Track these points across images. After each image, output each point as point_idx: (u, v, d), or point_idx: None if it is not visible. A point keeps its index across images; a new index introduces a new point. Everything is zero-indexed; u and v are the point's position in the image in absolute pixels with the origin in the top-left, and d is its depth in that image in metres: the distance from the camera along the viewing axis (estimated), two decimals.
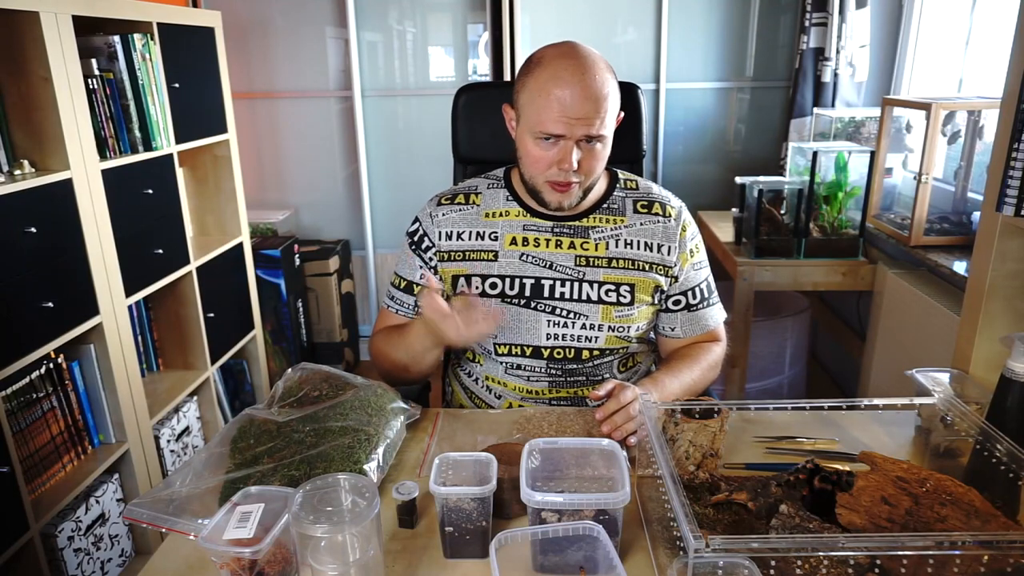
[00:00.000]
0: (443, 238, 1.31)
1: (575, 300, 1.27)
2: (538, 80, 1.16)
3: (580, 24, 2.99)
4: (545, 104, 1.15)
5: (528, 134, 1.19)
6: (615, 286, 1.28)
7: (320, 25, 3.07)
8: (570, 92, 1.13)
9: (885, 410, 1.19)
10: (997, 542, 0.72)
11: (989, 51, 2.23)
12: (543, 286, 1.27)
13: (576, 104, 1.13)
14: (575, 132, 1.15)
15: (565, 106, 1.14)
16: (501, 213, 1.31)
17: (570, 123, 1.14)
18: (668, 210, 1.32)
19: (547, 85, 1.15)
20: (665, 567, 0.82)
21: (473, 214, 1.32)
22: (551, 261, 1.28)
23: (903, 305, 2.05)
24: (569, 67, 1.14)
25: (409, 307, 1.35)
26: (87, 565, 1.77)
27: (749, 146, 3.08)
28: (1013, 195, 1.10)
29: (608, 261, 1.28)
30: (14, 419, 1.59)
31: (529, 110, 1.18)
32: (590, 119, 1.14)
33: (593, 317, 1.27)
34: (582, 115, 1.14)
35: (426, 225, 1.33)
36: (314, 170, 3.27)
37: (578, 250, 1.28)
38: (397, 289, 1.37)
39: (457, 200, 1.34)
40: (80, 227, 1.71)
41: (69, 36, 1.65)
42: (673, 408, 1.00)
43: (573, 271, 1.28)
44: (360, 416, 1.09)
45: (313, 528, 0.76)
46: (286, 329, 2.97)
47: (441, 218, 1.32)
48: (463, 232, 1.31)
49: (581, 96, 1.13)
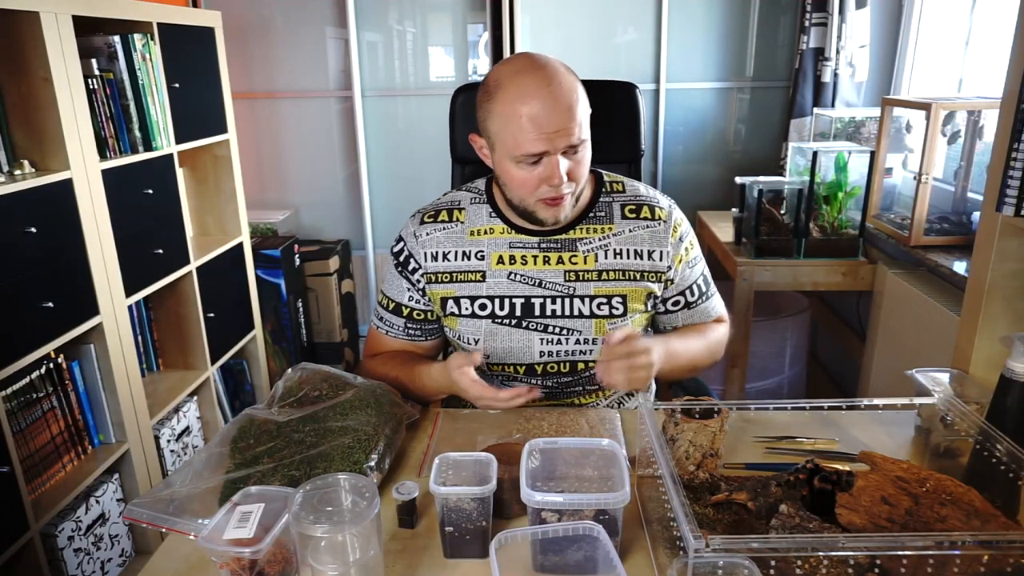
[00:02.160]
0: (429, 259, 1.28)
1: (567, 316, 1.25)
2: (503, 103, 1.12)
3: (580, 24, 2.99)
4: (519, 127, 1.10)
5: (508, 159, 1.15)
6: (607, 299, 1.25)
7: (320, 25, 3.07)
8: (540, 106, 1.09)
9: (885, 410, 1.19)
10: (997, 542, 0.72)
11: (989, 51, 2.23)
12: (533, 305, 1.25)
13: (550, 118, 1.09)
14: (557, 146, 1.11)
15: (539, 123, 1.09)
16: (486, 231, 1.27)
17: (549, 138, 1.10)
18: (657, 212, 1.28)
19: (515, 106, 1.10)
20: (665, 567, 0.82)
21: (458, 232, 1.28)
22: (540, 279, 1.25)
23: (903, 305, 2.05)
24: (532, 82, 1.10)
25: (399, 328, 1.34)
26: (87, 565, 1.77)
27: (749, 146, 3.08)
28: (1013, 195, 1.10)
29: (598, 274, 1.25)
30: (14, 419, 1.59)
31: (503, 136, 1.13)
32: (568, 128, 1.10)
33: (587, 332, 1.25)
34: (559, 127, 1.10)
35: (411, 245, 1.30)
36: (314, 170, 3.27)
37: (567, 264, 1.25)
38: (386, 310, 1.35)
39: (440, 218, 1.29)
40: (80, 227, 1.71)
41: (69, 36, 1.65)
42: (673, 408, 1.00)
43: (563, 287, 1.25)
44: (360, 416, 1.09)
45: (313, 528, 0.76)
46: (286, 329, 2.97)
47: (425, 238, 1.29)
48: (448, 252, 1.28)
49: (552, 108, 1.09)
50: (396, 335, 1.35)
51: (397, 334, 1.35)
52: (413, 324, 1.34)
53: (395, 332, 1.35)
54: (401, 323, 1.33)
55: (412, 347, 1.36)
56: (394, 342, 1.36)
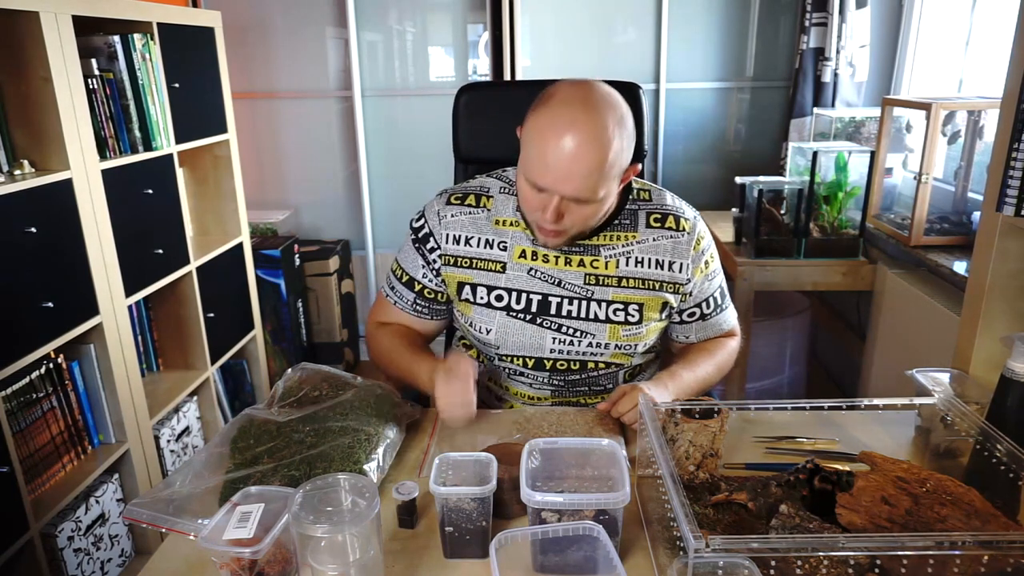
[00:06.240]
0: (450, 241, 1.28)
1: (582, 319, 1.25)
2: (539, 121, 1.08)
3: (580, 24, 2.99)
4: (536, 153, 1.08)
5: (521, 171, 1.13)
6: (623, 305, 1.25)
7: (320, 25, 3.07)
8: (561, 148, 1.04)
9: (885, 410, 1.19)
10: (997, 542, 0.72)
11: (989, 51, 2.23)
12: (550, 303, 1.25)
13: (564, 164, 1.05)
14: (559, 190, 1.08)
15: (552, 163, 1.06)
16: (511, 223, 1.27)
17: (555, 181, 1.07)
18: (682, 223, 1.27)
19: (544, 132, 1.07)
20: (665, 567, 0.82)
21: (483, 219, 1.27)
22: (560, 278, 1.25)
23: (903, 305, 2.05)
24: (568, 119, 1.05)
25: (408, 302, 1.34)
26: (87, 565, 1.77)
27: (749, 146, 3.08)
28: (1013, 195, 1.10)
29: (618, 280, 1.25)
30: (14, 419, 1.59)
31: (525, 149, 1.11)
32: (576, 183, 1.07)
33: (600, 336, 1.25)
34: (568, 177, 1.06)
35: (432, 224, 1.29)
36: (314, 170, 3.27)
37: (587, 268, 1.25)
38: (398, 281, 1.35)
39: (468, 201, 1.28)
40: (80, 227, 1.70)
41: (69, 36, 1.65)
42: (673, 408, 1.00)
43: (582, 289, 1.25)
44: (360, 416, 1.09)
45: (313, 528, 0.76)
46: (286, 329, 2.97)
47: (450, 219, 1.28)
48: (472, 237, 1.27)
49: (570, 157, 1.04)
50: (404, 308, 1.35)
51: (404, 307, 1.35)
52: (423, 301, 1.34)
53: (403, 304, 1.35)
54: (411, 297, 1.34)
55: (416, 323, 1.37)
56: (400, 315, 1.36)
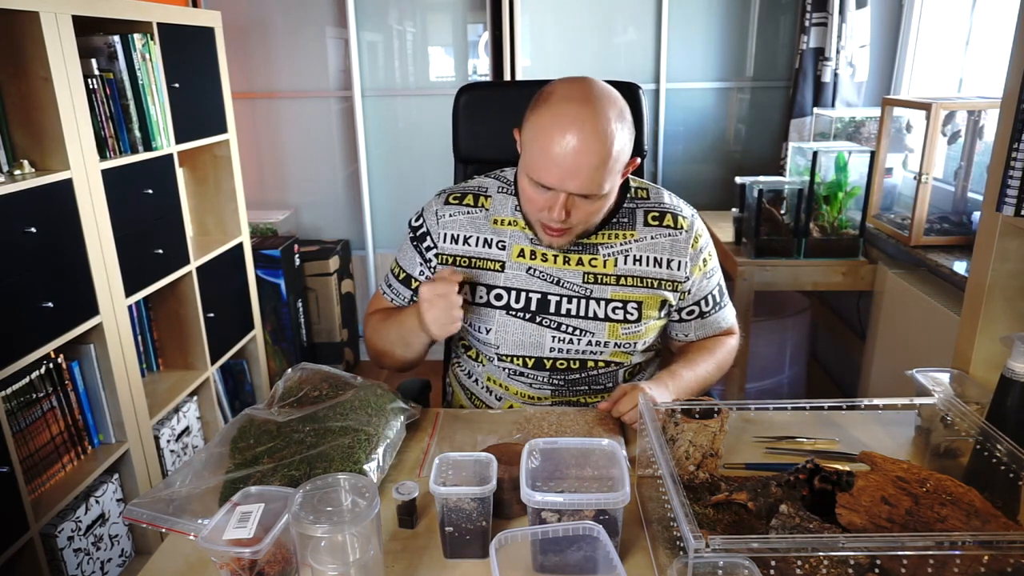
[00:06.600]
0: (447, 240, 1.28)
1: (581, 317, 1.25)
2: (540, 120, 1.09)
3: (580, 24, 2.99)
4: (540, 151, 1.08)
5: (524, 171, 1.13)
6: (622, 303, 1.25)
7: (320, 25, 3.07)
8: (565, 145, 1.05)
9: (885, 410, 1.19)
10: (997, 542, 0.72)
11: (989, 51, 2.23)
12: (549, 302, 1.25)
13: (569, 160, 1.06)
14: (566, 186, 1.09)
15: (557, 159, 1.06)
16: (510, 222, 1.27)
17: (561, 178, 1.08)
18: (680, 221, 1.27)
19: (547, 130, 1.07)
20: (665, 567, 0.82)
21: (481, 218, 1.28)
22: (559, 277, 1.25)
23: (903, 305, 2.05)
24: (571, 115, 1.06)
25: (405, 300, 1.35)
26: (87, 565, 1.77)
27: (749, 146, 3.08)
28: (1013, 195, 1.10)
29: (616, 279, 1.25)
30: (14, 419, 1.59)
31: (528, 149, 1.12)
32: (582, 178, 1.08)
33: (599, 334, 1.25)
34: (574, 172, 1.07)
35: (430, 223, 1.30)
36: (314, 170, 3.27)
37: (586, 267, 1.25)
38: (396, 279, 1.35)
39: (466, 201, 1.29)
40: (80, 227, 1.70)
41: (69, 36, 1.65)
42: (673, 408, 1.00)
43: (580, 288, 1.25)
44: (360, 416, 1.09)
45: (313, 528, 0.76)
46: (286, 329, 2.97)
47: (448, 219, 1.29)
48: (470, 237, 1.28)
49: (575, 152, 1.05)
50: (400, 304, 1.36)
51: (401, 304, 1.35)
52: None
53: (399, 302, 1.36)
54: (408, 295, 1.34)
55: None
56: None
